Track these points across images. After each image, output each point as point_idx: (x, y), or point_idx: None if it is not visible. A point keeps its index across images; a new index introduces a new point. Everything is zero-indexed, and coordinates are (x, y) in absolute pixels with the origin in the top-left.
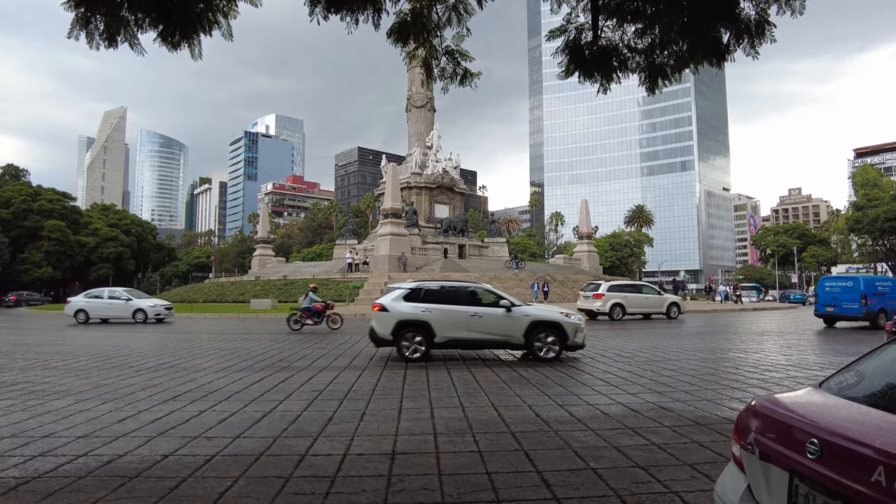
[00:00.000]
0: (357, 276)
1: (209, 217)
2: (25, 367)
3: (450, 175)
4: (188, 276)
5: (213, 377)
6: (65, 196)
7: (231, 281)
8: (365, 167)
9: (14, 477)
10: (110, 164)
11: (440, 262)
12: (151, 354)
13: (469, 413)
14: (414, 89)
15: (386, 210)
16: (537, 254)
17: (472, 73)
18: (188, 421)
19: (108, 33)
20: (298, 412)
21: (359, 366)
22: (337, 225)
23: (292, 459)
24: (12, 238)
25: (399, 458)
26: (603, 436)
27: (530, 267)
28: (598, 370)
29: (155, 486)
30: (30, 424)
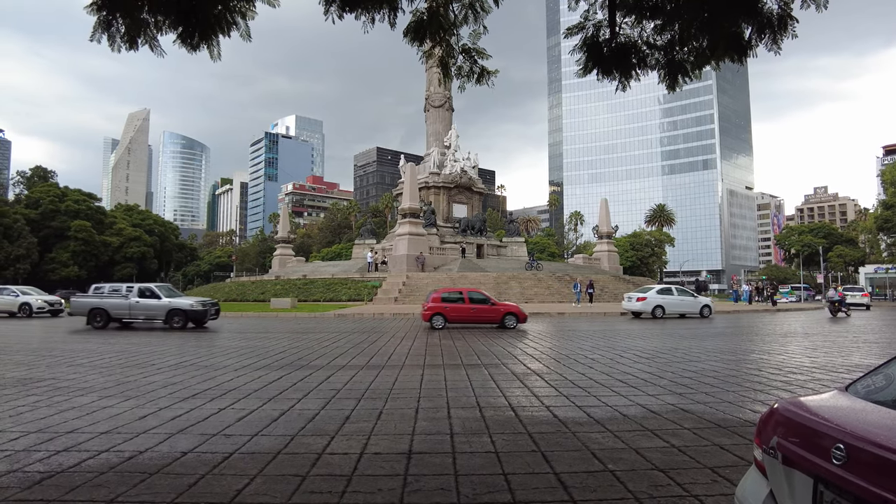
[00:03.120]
0: (375, 276)
1: (230, 217)
2: (52, 365)
3: (468, 174)
4: (210, 275)
5: (233, 375)
6: (90, 197)
7: (252, 280)
8: (383, 167)
9: (39, 471)
10: (134, 165)
11: (458, 262)
12: (172, 353)
13: (486, 413)
14: (432, 89)
15: (404, 210)
16: (556, 253)
17: (489, 72)
18: (207, 419)
19: (128, 36)
20: (316, 411)
21: (377, 365)
22: (356, 225)
23: (309, 458)
24: (41, 238)
25: (415, 457)
26: (621, 437)
27: (549, 267)
28: (617, 371)
29: (174, 482)
30: (54, 420)
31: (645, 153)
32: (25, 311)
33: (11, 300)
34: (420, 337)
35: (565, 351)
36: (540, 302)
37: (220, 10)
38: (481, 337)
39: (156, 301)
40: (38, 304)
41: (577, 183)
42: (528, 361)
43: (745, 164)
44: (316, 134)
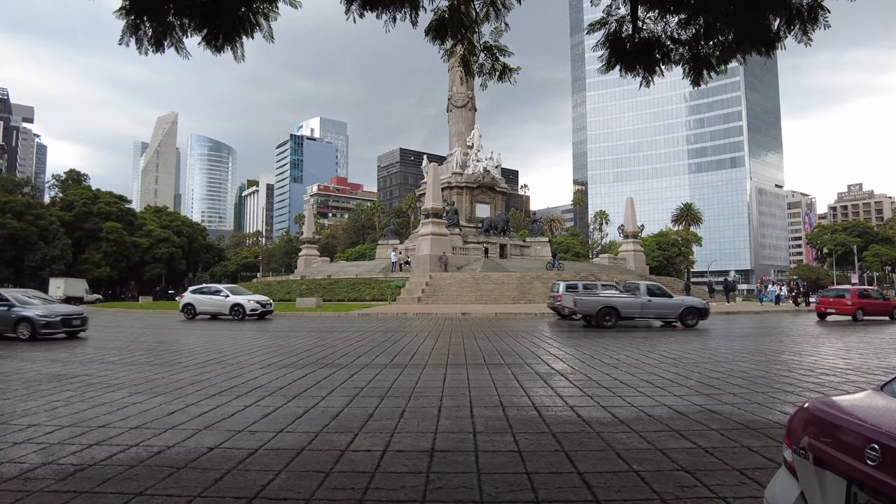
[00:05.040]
0: (399, 276)
1: (257, 218)
2: (84, 362)
3: (491, 174)
4: (237, 275)
5: (259, 373)
6: (121, 199)
7: (278, 280)
8: (406, 168)
9: (72, 464)
10: (163, 168)
11: (481, 262)
12: (199, 351)
13: (509, 413)
14: (455, 89)
15: (427, 210)
16: (581, 253)
17: (511, 69)
18: (233, 415)
19: (155, 38)
20: (340, 408)
21: (400, 364)
22: (379, 225)
23: (333, 454)
24: (74, 239)
25: (438, 455)
26: (647, 438)
27: (573, 267)
28: (642, 371)
29: (200, 477)
30: (87, 415)
31: (671, 151)
32: (238, 314)
33: (221, 301)
34: (443, 336)
35: (589, 351)
36: None
37: (244, 11)
38: (505, 337)
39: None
40: (251, 307)
41: (601, 182)
42: (552, 361)
43: (775, 162)
44: (340, 135)
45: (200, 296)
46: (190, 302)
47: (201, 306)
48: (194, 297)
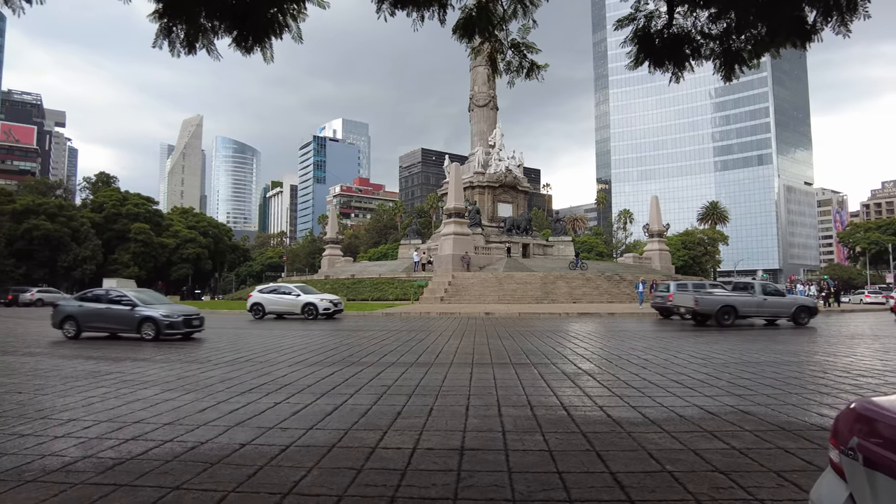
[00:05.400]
0: (421, 276)
1: (281, 219)
2: (118, 359)
3: (513, 173)
4: (262, 275)
5: (287, 371)
6: (149, 200)
7: (303, 280)
8: (428, 168)
9: (111, 457)
10: (189, 170)
11: (503, 262)
12: (227, 349)
13: (537, 412)
14: (476, 88)
15: (449, 210)
16: (605, 253)
17: (539, 66)
18: (263, 412)
19: (187, 41)
20: (368, 406)
21: (426, 362)
22: (401, 225)
23: (363, 452)
24: (104, 240)
25: (468, 454)
26: (679, 438)
27: (596, 266)
28: (671, 372)
29: (234, 472)
30: (122, 411)
31: (696, 149)
32: (310, 313)
33: (292, 301)
34: (467, 336)
35: (616, 351)
36: (589, 302)
37: (273, 12)
38: (530, 336)
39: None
40: (323, 306)
41: (625, 180)
42: (579, 361)
43: (804, 159)
44: (362, 136)
45: (270, 295)
46: (259, 301)
47: (271, 306)
48: (263, 296)
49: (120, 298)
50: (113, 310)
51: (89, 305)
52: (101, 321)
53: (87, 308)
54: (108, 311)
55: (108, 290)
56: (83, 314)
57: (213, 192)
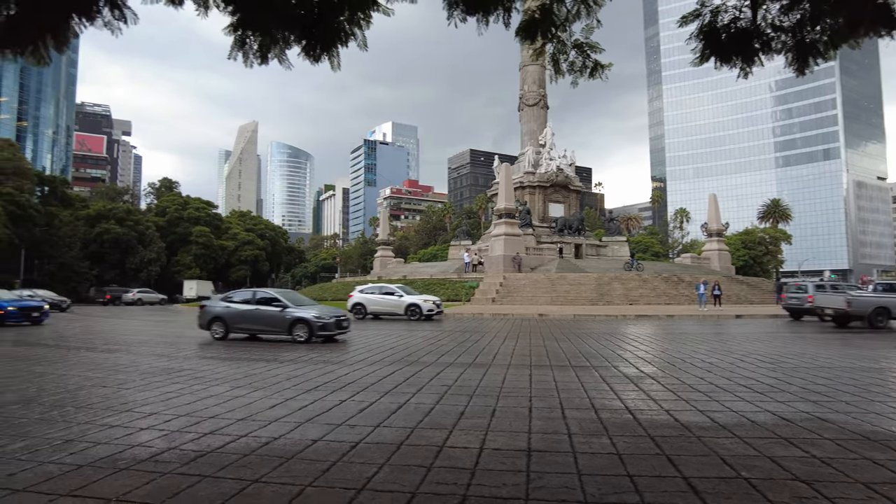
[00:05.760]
0: (473, 277)
1: (334, 221)
2: (188, 357)
3: (564, 173)
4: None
5: (349, 369)
6: (209, 204)
7: (356, 281)
8: (477, 169)
9: (192, 450)
10: (245, 174)
11: (556, 263)
12: (288, 348)
13: (602, 415)
14: (526, 87)
15: (499, 210)
16: (660, 253)
17: (603, 65)
18: (330, 410)
19: (261, 52)
20: (431, 405)
21: (483, 363)
22: (451, 226)
23: (431, 450)
24: (168, 243)
25: (535, 455)
26: (752, 445)
27: (653, 267)
28: (738, 376)
29: (309, 467)
30: (197, 406)
31: (756, 144)
32: (414, 314)
33: (395, 301)
34: (522, 337)
35: (679, 354)
36: (646, 304)
37: (340, 22)
38: (587, 338)
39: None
40: (427, 307)
41: (681, 178)
42: (640, 364)
43: (877, 152)
44: (411, 139)
45: (372, 296)
46: (360, 301)
47: (373, 306)
48: (365, 296)
49: (270, 299)
50: (262, 311)
51: (237, 307)
52: (249, 322)
53: (234, 309)
54: (256, 313)
55: (255, 290)
56: (231, 315)
57: (269, 196)
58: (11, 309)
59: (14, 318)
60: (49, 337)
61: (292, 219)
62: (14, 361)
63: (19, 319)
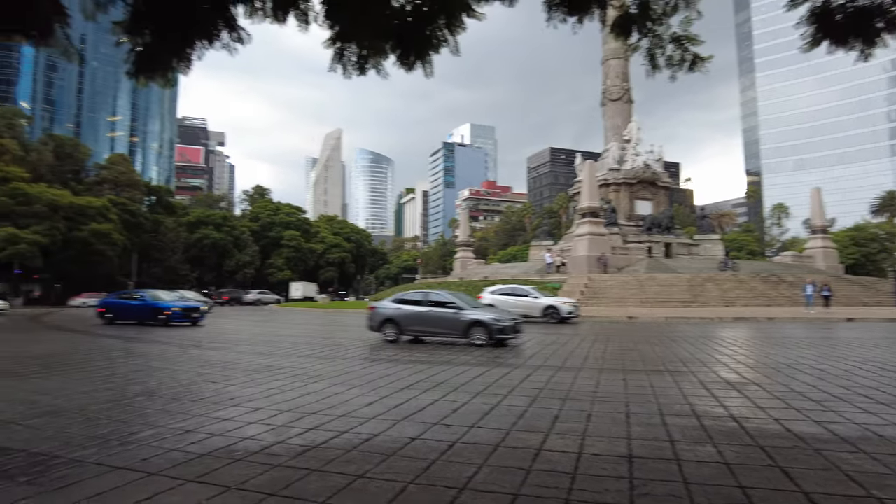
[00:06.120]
0: (555, 278)
1: (415, 223)
2: (286, 355)
3: (651, 168)
4: (398, 277)
5: (439, 369)
6: (298, 209)
7: (438, 282)
8: (557, 167)
9: (299, 444)
10: (331, 180)
11: (644, 263)
12: (379, 347)
13: (705, 422)
14: (609, 82)
15: (583, 209)
16: (757, 251)
17: (703, 58)
18: (425, 409)
19: (359, 64)
20: (524, 408)
21: (573, 367)
22: (531, 227)
23: (528, 453)
24: (261, 246)
25: (637, 461)
26: (882, 461)
27: (750, 267)
28: (857, 385)
29: (410, 465)
30: (298, 402)
31: (866, 132)
32: (553, 317)
33: (530, 303)
34: (613, 340)
35: (784, 360)
36: (743, 306)
37: (434, 29)
38: (681, 342)
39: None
40: (567, 309)
41: (778, 171)
42: (742, 370)
43: None
44: (489, 140)
45: (505, 297)
46: (491, 303)
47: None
48: (497, 297)
49: (443, 301)
50: (437, 313)
51: (409, 309)
52: (423, 325)
53: (406, 311)
54: (431, 315)
55: (426, 292)
56: (404, 317)
57: (353, 200)
58: (176, 310)
59: (177, 319)
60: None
61: (375, 222)
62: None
63: (182, 320)
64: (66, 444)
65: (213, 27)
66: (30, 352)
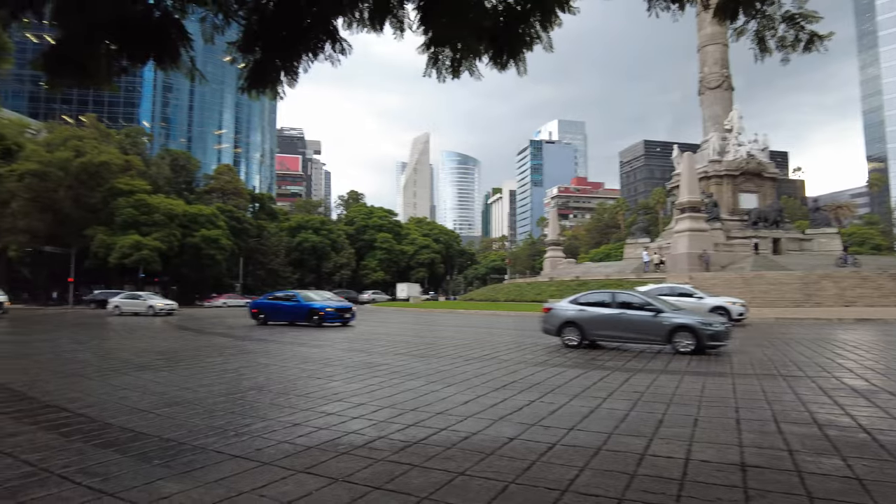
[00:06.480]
0: (653, 276)
1: (502, 223)
2: (383, 353)
3: (756, 159)
4: (486, 277)
5: (534, 370)
6: (390, 213)
7: (527, 282)
8: (651, 161)
9: (399, 440)
10: (420, 183)
11: (750, 259)
12: (475, 345)
13: (829, 432)
14: (706, 69)
15: (682, 204)
16: (883, 245)
17: (821, 36)
18: (521, 409)
19: (452, 67)
20: (625, 411)
21: (677, 370)
22: (625, 224)
23: (632, 457)
24: (356, 249)
25: (751, 471)
26: None
27: (874, 263)
28: None
29: (509, 464)
30: (397, 399)
31: None
32: None
33: (694, 303)
34: None
35: None
36: (866, 305)
37: (527, 27)
38: (794, 344)
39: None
40: (737, 310)
41: None
42: (870, 376)
43: None
44: (578, 135)
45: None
46: None
47: None
48: None
49: (640, 304)
50: (630, 316)
51: (594, 311)
52: (613, 329)
53: (592, 314)
54: (623, 318)
55: (613, 292)
56: (589, 320)
57: (441, 202)
58: (329, 310)
59: (330, 319)
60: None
61: (462, 223)
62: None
63: (335, 320)
64: (191, 432)
65: (317, 40)
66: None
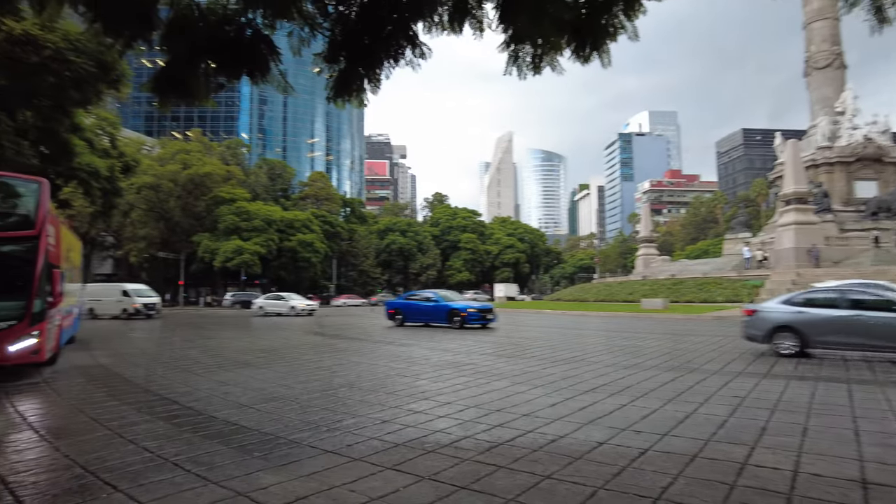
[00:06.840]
0: (756, 274)
1: (589, 221)
2: (469, 352)
3: (874, 142)
4: (573, 277)
5: (625, 373)
6: (474, 213)
7: (618, 281)
8: (751, 150)
9: (486, 440)
10: (503, 182)
11: (870, 254)
12: (562, 347)
13: None
14: (814, 48)
15: (787, 195)
16: None
17: None
18: (611, 413)
19: (533, 63)
20: (724, 417)
21: (781, 374)
22: (723, 218)
23: (731, 466)
24: (441, 250)
25: (874, 489)
26: None
27: None
28: None
29: (598, 469)
30: (482, 399)
31: None
32: None
33: None
34: None
35: None
36: None
37: (610, 16)
38: None
39: None
40: None
41: None
42: None
43: None
44: (670, 126)
45: None
46: None
47: None
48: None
49: (873, 303)
50: (870, 318)
51: (818, 313)
52: (848, 335)
53: (815, 316)
54: (859, 321)
55: (845, 290)
56: (810, 324)
57: (525, 201)
58: (472, 311)
59: (472, 320)
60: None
61: (548, 221)
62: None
63: (477, 322)
64: (286, 426)
65: (398, 46)
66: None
